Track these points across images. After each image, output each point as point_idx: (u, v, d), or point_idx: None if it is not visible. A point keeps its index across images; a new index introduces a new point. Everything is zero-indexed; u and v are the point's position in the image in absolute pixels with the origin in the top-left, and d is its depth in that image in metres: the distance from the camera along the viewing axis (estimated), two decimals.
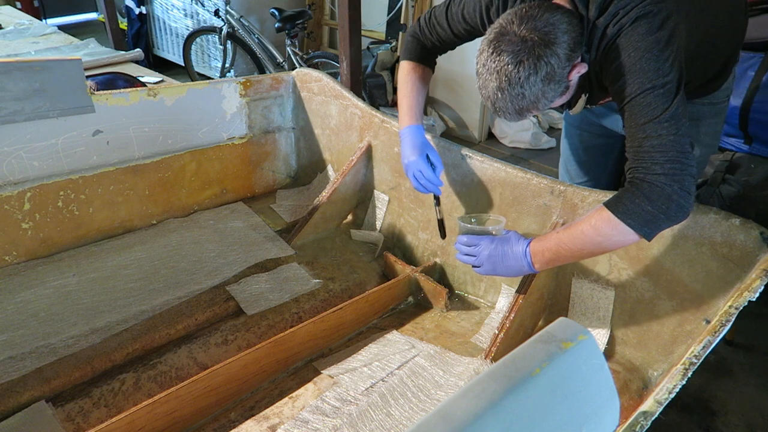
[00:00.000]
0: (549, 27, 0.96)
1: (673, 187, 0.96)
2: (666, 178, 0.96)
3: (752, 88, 1.81)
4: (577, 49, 1.00)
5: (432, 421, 0.48)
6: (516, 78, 0.97)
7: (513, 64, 0.96)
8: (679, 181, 0.96)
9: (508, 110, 1.02)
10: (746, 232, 1.05)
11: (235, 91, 1.79)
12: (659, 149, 0.97)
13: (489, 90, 1.01)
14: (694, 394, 1.74)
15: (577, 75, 1.03)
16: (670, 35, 0.97)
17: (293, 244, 1.68)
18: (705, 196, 1.91)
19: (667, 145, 0.97)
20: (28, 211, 1.47)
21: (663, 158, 0.97)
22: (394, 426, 1.05)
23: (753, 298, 0.94)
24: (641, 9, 0.97)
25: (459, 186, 1.48)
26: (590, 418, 0.57)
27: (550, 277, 1.32)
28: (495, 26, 1.01)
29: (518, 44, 0.96)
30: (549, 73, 0.97)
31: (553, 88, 0.99)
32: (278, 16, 3.80)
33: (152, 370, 1.22)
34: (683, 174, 0.96)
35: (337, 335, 1.34)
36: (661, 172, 0.96)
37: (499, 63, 0.98)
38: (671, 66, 0.97)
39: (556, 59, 0.97)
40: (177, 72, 4.70)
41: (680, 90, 0.98)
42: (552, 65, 0.97)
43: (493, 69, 0.99)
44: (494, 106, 1.03)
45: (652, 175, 0.97)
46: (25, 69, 1.34)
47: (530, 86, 0.97)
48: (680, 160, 0.96)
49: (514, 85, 0.97)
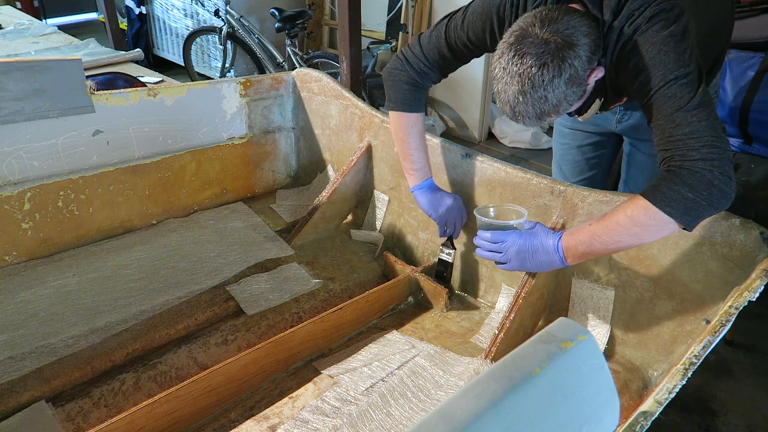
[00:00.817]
0: (570, 29, 0.96)
1: (714, 173, 0.92)
2: (705, 163, 0.92)
3: (752, 88, 1.81)
4: (597, 52, 1.00)
5: (432, 421, 0.48)
6: (540, 81, 0.95)
7: (537, 67, 0.95)
8: (720, 167, 0.92)
9: (529, 114, 1.00)
10: (746, 232, 1.05)
11: (235, 91, 1.78)
12: (693, 136, 0.94)
13: (509, 94, 0.99)
14: (694, 394, 1.74)
15: (594, 79, 1.03)
16: (685, 29, 0.98)
17: (293, 244, 1.68)
18: None
19: (701, 131, 0.93)
20: (28, 211, 1.47)
21: (699, 144, 0.93)
22: (394, 426, 1.05)
23: (753, 298, 0.94)
24: (655, 8, 0.97)
25: (459, 186, 1.48)
26: (590, 418, 0.57)
27: (550, 277, 1.32)
28: (515, 29, 0.99)
29: (541, 46, 0.95)
30: (573, 75, 0.96)
31: (575, 91, 0.99)
32: (278, 16, 3.80)
33: (152, 370, 1.22)
34: (722, 159, 0.92)
35: (337, 335, 1.34)
36: (699, 157, 0.92)
37: (521, 66, 0.96)
38: (690, 57, 0.97)
39: (579, 61, 0.96)
40: (177, 72, 4.70)
41: (702, 79, 0.98)
42: (575, 67, 0.96)
43: (515, 72, 0.97)
44: (513, 111, 1.01)
45: (690, 161, 0.93)
46: (25, 69, 1.34)
47: (554, 89, 0.96)
48: (717, 144, 0.93)
49: (537, 87, 0.96)
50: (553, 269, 1.16)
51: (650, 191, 0.97)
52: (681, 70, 0.96)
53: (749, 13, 1.85)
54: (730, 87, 1.86)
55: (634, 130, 1.43)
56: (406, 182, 1.62)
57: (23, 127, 1.40)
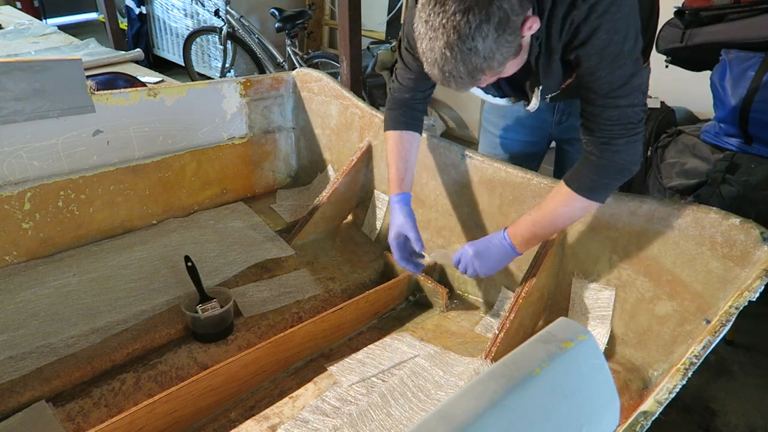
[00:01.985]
0: None
1: (627, 158, 1.04)
2: (620, 155, 1.04)
3: (752, 88, 1.81)
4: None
5: (432, 421, 0.48)
6: (466, 29, 0.86)
7: (461, 12, 0.85)
8: (629, 152, 1.04)
9: (460, 73, 0.92)
10: (746, 232, 1.05)
11: (235, 91, 1.79)
12: (619, 121, 1.02)
13: (436, 52, 0.90)
14: (694, 394, 1.74)
15: (530, 32, 0.95)
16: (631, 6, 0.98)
17: (293, 244, 1.68)
18: (705, 196, 1.91)
19: (624, 117, 1.02)
20: (29, 211, 1.47)
21: (618, 131, 1.03)
22: (394, 426, 1.05)
23: (753, 298, 0.94)
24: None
25: (459, 186, 1.48)
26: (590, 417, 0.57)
27: (550, 277, 1.32)
28: None
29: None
30: (502, 19, 0.87)
31: (508, 40, 0.90)
32: (278, 16, 3.80)
33: (152, 370, 1.22)
34: (636, 143, 1.04)
35: (337, 335, 1.34)
36: (615, 149, 1.03)
37: (444, 15, 0.87)
38: (637, 37, 0.99)
39: (509, 4, 0.87)
40: (177, 72, 4.71)
41: (639, 61, 1.01)
42: (505, 10, 0.87)
43: (439, 24, 0.88)
44: (443, 71, 0.93)
45: (609, 153, 1.04)
46: (25, 69, 1.34)
47: (483, 37, 0.87)
48: (633, 130, 1.02)
49: (465, 38, 0.87)
50: (510, 260, 1.23)
51: (573, 180, 1.09)
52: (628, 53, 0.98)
53: (749, 13, 1.85)
54: (730, 87, 1.86)
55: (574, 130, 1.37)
56: None
57: (23, 127, 1.40)
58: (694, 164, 2.00)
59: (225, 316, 1.31)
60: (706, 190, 1.92)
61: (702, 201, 1.90)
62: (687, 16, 1.97)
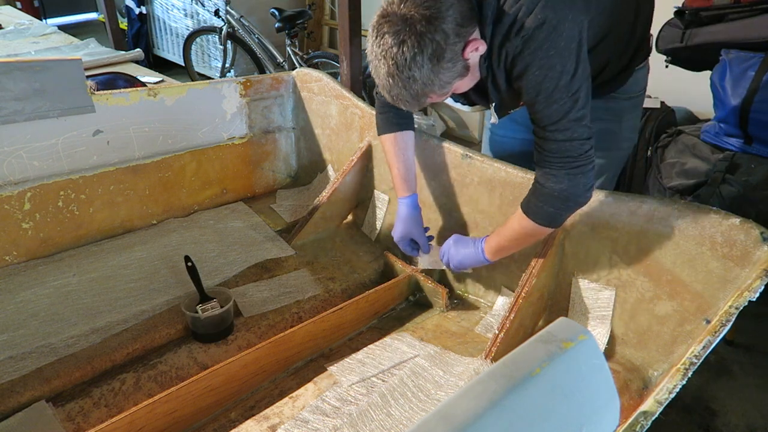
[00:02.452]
0: (430, 2, 0.92)
1: (569, 191, 1.06)
2: (562, 185, 1.06)
3: (752, 88, 1.81)
4: (467, 24, 0.96)
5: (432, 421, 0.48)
6: (402, 60, 0.93)
7: (396, 46, 0.92)
8: (572, 184, 1.05)
9: (405, 97, 0.99)
10: (746, 232, 1.05)
11: (235, 91, 1.79)
12: (557, 154, 1.04)
13: (381, 77, 0.98)
14: (694, 394, 1.74)
15: (476, 53, 0.99)
16: (570, 38, 0.97)
17: (293, 244, 1.68)
18: (705, 196, 1.91)
19: (565, 150, 1.03)
20: (29, 211, 1.47)
21: (558, 163, 1.05)
22: (394, 426, 1.05)
23: (753, 298, 0.94)
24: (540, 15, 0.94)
25: (459, 186, 1.48)
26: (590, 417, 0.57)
27: (550, 277, 1.32)
28: (378, 10, 0.97)
29: (399, 24, 0.92)
30: (436, 50, 0.93)
31: (446, 67, 0.95)
32: (278, 16, 3.80)
33: (152, 370, 1.22)
34: (577, 176, 1.05)
35: (337, 335, 1.34)
36: (556, 181, 1.06)
37: (383, 47, 0.94)
38: (575, 69, 0.99)
39: (442, 35, 0.92)
40: (177, 72, 4.71)
41: (585, 90, 1.01)
42: (438, 42, 0.92)
43: (380, 54, 0.95)
44: (390, 95, 1.00)
45: (550, 182, 1.07)
46: (25, 69, 1.34)
47: (418, 67, 0.93)
48: (576, 163, 1.04)
49: (402, 68, 0.93)
50: (478, 262, 1.30)
51: (525, 205, 1.14)
52: (564, 88, 0.99)
53: (749, 13, 1.85)
54: (730, 87, 1.86)
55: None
56: None
57: (23, 127, 1.40)
58: (694, 164, 2.00)
59: (225, 316, 1.31)
60: (706, 190, 1.92)
61: (702, 201, 1.90)
62: (687, 16, 1.97)
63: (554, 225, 1.13)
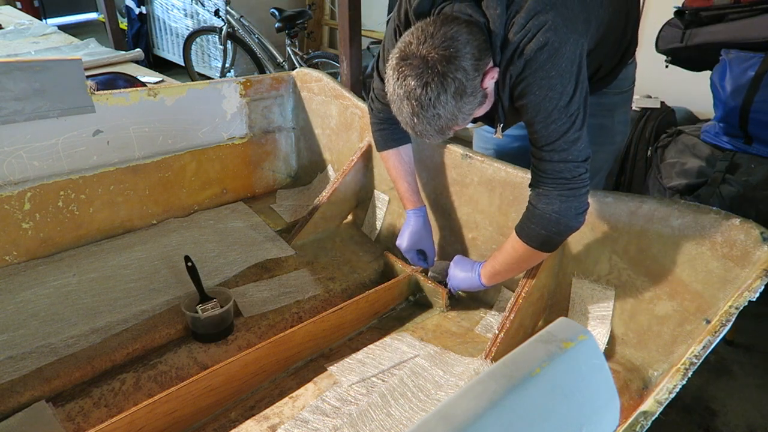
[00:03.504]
0: (448, 41, 0.94)
1: (561, 213, 1.06)
2: (554, 207, 1.06)
3: (752, 88, 1.81)
4: (484, 57, 0.99)
5: (432, 421, 0.48)
6: (426, 100, 0.95)
7: (420, 87, 0.95)
8: (566, 208, 1.06)
9: (429, 133, 1.02)
10: (746, 232, 1.05)
11: (235, 91, 1.79)
12: (551, 175, 1.05)
13: (405, 116, 1.00)
14: (694, 394, 1.74)
15: (492, 81, 1.03)
16: (571, 61, 0.98)
17: (293, 244, 1.68)
18: (705, 196, 1.91)
19: (559, 171, 1.04)
20: (29, 211, 1.47)
21: (553, 186, 1.06)
22: (394, 426, 1.06)
23: (753, 298, 0.94)
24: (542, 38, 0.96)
25: (459, 186, 1.48)
26: (590, 417, 0.57)
27: (550, 277, 1.32)
28: (395, 51, 0.99)
29: (420, 66, 0.94)
30: (458, 88, 0.96)
31: (468, 101, 0.99)
32: (278, 16, 3.80)
33: (152, 370, 1.22)
34: (570, 198, 1.05)
35: (337, 335, 1.34)
36: (548, 203, 1.07)
37: (406, 88, 0.96)
38: (575, 91, 1.00)
39: (462, 73, 0.95)
40: (177, 72, 4.71)
41: (579, 116, 1.02)
42: (459, 80, 0.95)
43: (403, 96, 0.97)
44: (414, 131, 1.02)
45: (543, 205, 1.08)
46: (26, 69, 1.34)
47: (443, 105, 0.96)
48: (570, 185, 1.05)
49: (427, 107, 0.96)
50: (475, 287, 1.33)
51: (519, 228, 1.15)
52: (562, 109, 1.00)
53: (749, 13, 1.85)
54: (730, 87, 1.86)
55: None
56: None
57: (23, 127, 1.40)
58: (694, 164, 2.00)
59: (225, 316, 1.31)
60: (706, 190, 1.92)
61: (702, 201, 1.90)
62: (687, 16, 1.97)
63: (547, 249, 1.14)
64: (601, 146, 1.40)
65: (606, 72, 1.28)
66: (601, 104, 1.35)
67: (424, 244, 1.44)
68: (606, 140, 1.41)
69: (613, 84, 1.31)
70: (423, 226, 1.43)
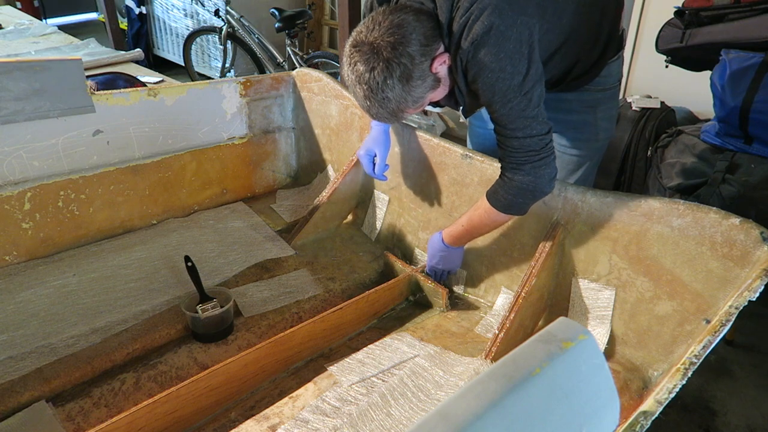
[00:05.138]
0: (394, 29, 1.01)
1: (533, 183, 1.12)
2: (526, 177, 1.12)
3: (752, 88, 1.81)
4: (432, 43, 1.05)
5: (432, 421, 0.48)
6: (375, 84, 1.03)
7: (368, 72, 1.02)
8: (537, 176, 1.11)
9: (383, 115, 1.09)
10: (746, 232, 1.05)
11: (235, 91, 1.79)
12: (520, 149, 1.10)
13: (359, 100, 1.08)
14: (694, 394, 1.74)
15: (444, 66, 1.08)
16: (520, 42, 1.02)
17: (293, 244, 1.68)
18: (705, 196, 1.91)
19: (525, 146, 1.09)
20: (29, 211, 1.47)
21: (523, 158, 1.10)
22: (394, 426, 1.06)
23: (753, 298, 0.94)
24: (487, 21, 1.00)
25: (459, 186, 1.48)
26: (590, 417, 0.57)
27: (550, 277, 1.32)
28: (349, 39, 1.06)
29: (368, 52, 1.02)
30: (404, 72, 1.02)
31: (416, 85, 1.05)
32: (278, 16, 3.80)
33: (152, 370, 1.22)
34: (542, 167, 1.11)
35: (337, 335, 1.34)
36: (522, 174, 1.12)
37: (357, 74, 1.04)
38: (527, 70, 1.04)
39: (408, 58, 1.01)
40: (177, 72, 4.71)
41: (535, 94, 1.06)
42: (405, 64, 1.02)
43: (354, 80, 1.05)
44: (369, 114, 1.11)
45: (517, 175, 1.13)
46: (26, 69, 1.34)
47: (390, 89, 1.03)
48: (538, 157, 1.10)
49: (376, 91, 1.04)
50: (435, 248, 1.40)
51: (492, 197, 1.19)
52: (516, 89, 1.04)
53: (749, 13, 1.84)
54: (730, 87, 1.86)
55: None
56: (406, 182, 1.63)
57: (23, 127, 1.40)
58: (694, 164, 2.00)
59: (225, 316, 1.31)
60: (706, 190, 1.92)
61: (702, 201, 1.90)
62: (687, 16, 1.97)
63: (520, 213, 1.21)
64: (585, 142, 1.42)
65: (585, 68, 1.29)
66: (583, 101, 1.36)
67: (377, 147, 1.48)
68: (589, 136, 1.42)
69: (595, 81, 1.32)
70: (381, 133, 1.48)
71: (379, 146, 1.48)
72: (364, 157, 1.49)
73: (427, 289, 1.49)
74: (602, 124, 1.41)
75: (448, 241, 1.36)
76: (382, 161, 1.49)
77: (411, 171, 1.61)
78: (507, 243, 1.41)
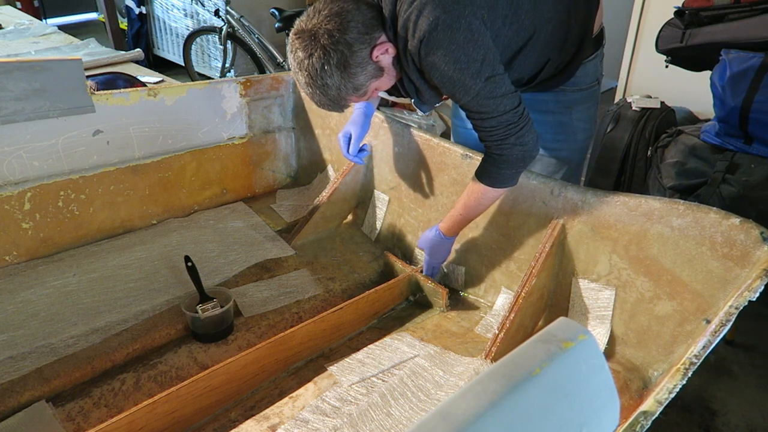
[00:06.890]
0: (332, 17, 1.03)
1: (522, 151, 1.13)
2: (513, 148, 1.13)
3: (752, 88, 1.81)
4: (372, 31, 1.06)
5: (432, 421, 0.48)
6: (313, 71, 1.04)
7: (307, 59, 1.04)
8: (523, 143, 1.12)
9: (326, 102, 1.11)
10: (746, 232, 1.05)
11: (235, 91, 1.79)
12: (498, 126, 1.11)
13: (302, 86, 1.10)
14: (694, 394, 1.74)
15: (387, 56, 1.09)
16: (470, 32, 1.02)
17: (293, 244, 1.68)
18: (705, 196, 1.91)
19: (502, 122, 1.10)
20: (29, 211, 1.47)
21: (504, 133, 1.11)
22: (394, 426, 1.06)
23: (753, 298, 0.94)
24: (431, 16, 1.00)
25: (459, 186, 1.48)
26: (590, 417, 0.57)
27: (550, 277, 1.32)
28: (293, 29, 1.08)
29: (307, 39, 1.04)
30: (341, 60, 1.04)
31: (354, 72, 1.06)
32: (278, 16, 3.79)
33: (152, 370, 1.22)
34: (525, 135, 1.12)
35: (337, 335, 1.34)
36: (508, 148, 1.13)
37: (297, 60, 1.06)
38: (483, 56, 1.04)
39: (345, 45, 1.03)
40: (177, 72, 4.70)
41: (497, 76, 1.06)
42: (342, 51, 1.03)
43: (296, 67, 1.07)
44: (313, 100, 1.12)
45: (504, 150, 1.13)
46: (26, 69, 1.34)
47: (329, 76, 1.05)
48: (518, 126, 1.11)
49: (315, 78, 1.05)
50: (429, 240, 1.39)
51: (485, 176, 1.19)
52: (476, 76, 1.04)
53: (749, 13, 1.85)
54: (730, 87, 1.86)
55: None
56: (406, 182, 1.63)
57: (23, 127, 1.40)
58: (694, 164, 2.00)
59: (225, 316, 1.31)
60: (706, 190, 1.92)
61: (702, 201, 1.90)
62: (687, 16, 1.97)
63: (514, 184, 1.22)
64: (563, 143, 1.42)
65: (558, 68, 1.28)
66: (559, 101, 1.36)
67: (353, 127, 1.47)
68: (568, 137, 1.42)
69: (570, 81, 1.32)
70: (359, 115, 1.48)
71: (355, 126, 1.48)
72: (341, 139, 1.48)
73: (427, 289, 1.49)
74: (579, 125, 1.41)
75: (444, 231, 1.36)
76: (356, 141, 1.47)
77: (411, 171, 1.61)
78: (507, 243, 1.41)
